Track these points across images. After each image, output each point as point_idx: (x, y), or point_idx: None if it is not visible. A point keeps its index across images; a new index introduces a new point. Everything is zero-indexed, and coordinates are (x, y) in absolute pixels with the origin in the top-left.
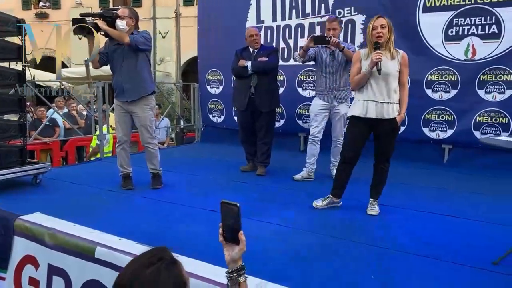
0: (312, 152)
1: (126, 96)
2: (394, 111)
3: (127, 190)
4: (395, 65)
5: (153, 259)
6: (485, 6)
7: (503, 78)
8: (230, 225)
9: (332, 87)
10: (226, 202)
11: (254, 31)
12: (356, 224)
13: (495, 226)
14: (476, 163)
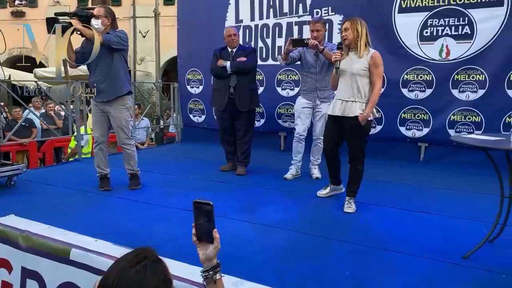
0: (298, 149)
1: (102, 96)
2: (357, 110)
3: (105, 191)
4: (361, 64)
5: (138, 259)
6: (458, 8)
7: (476, 77)
8: (204, 224)
9: (315, 86)
10: (199, 202)
11: (233, 31)
12: (333, 221)
13: (467, 221)
14: (451, 160)
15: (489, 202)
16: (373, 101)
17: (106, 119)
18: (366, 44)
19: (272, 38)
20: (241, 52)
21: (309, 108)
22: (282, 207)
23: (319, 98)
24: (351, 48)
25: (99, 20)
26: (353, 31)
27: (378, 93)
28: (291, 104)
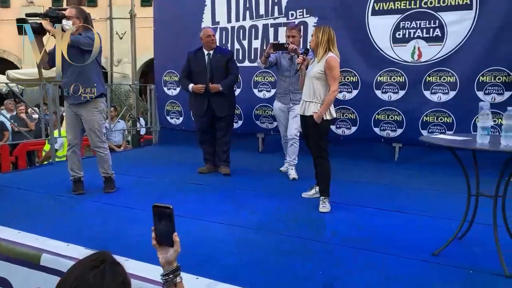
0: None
1: (73, 99)
2: (312, 109)
3: (78, 195)
4: (318, 68)
5: (95, 262)
6: (429, 11)
7: (447, 79)
8: (164, 228)
9: (289, 89)
10: (159, 206)
11: (211, 31)
12: (309, 222)
13: (437, 219)
14: (424, 160)
15: (459, 200)
16: (327, 101)
17: (79, 121)
18: (326, 50)
19: (248, 40)
20: (219, 56)
21: (285, 111)
22: (259, 209)
23: (291, 100)
24: (315, 52)
25: (70, 21)
26: (315, 38)
27: (333, 95)
28: (268, 105)
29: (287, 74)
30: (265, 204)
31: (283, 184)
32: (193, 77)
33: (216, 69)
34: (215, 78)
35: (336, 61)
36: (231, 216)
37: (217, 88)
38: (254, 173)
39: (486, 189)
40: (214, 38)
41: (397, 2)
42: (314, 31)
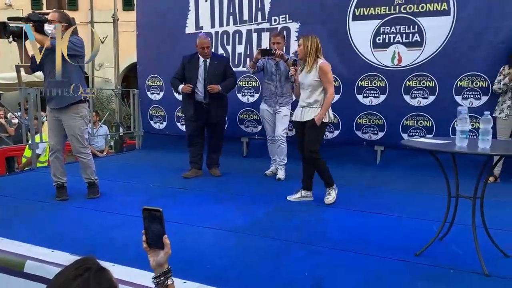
0: (273, 150)
1: (54, 103)
2: (312, 114)
3: (62, 201)
4: (312, 76)
5: (79, 271)
6: (408, 16)
7: (426, 84)
8: (154, 230)
9: (275, 93)
10: (148, 208)
11: (207, 43)
12: (293, 225)
13: (419, 221)
14: (406, 163)
15: (439, 202)
16: (326, 104)
17: (61, 126)
18: (314, 58)
19: (232, 45)
20: (216, 63)
21: (271, 113)
22: (245, 212)
23: (278, 103)
24: (304, 61)
25: (52, 26)
26: (304, 48)
27: (331, 98)
28: (252, 110)
29: (273, 78)
30: (251, 207)
31: (269, 188)
32: (186, 82)
33: (214, 76)
34: (213, 83)
35: (328, 66)
36: (218, 220)
37: (217, 89)
38: (240, 177)
39: (465, 190)
40: (208, 50)
41: (377, 7)
42: (302, 41)
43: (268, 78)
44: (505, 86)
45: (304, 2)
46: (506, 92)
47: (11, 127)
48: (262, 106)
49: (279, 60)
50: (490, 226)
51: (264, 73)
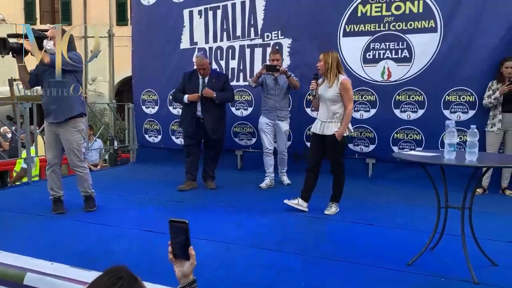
0: (269, 163)
1: (52, 118)
2: (333, 129)
3: (59, 214)
4: (333, 91)
5: (112, 280)
6: (397, 33)
7: (415, 98)
8: (180, 242)
9: (275, 107)
10: (175, 220)
11: (205, 64)
12: (288, 236)
13: (409, 231)
14: (396, 175)
15: (430, 213)
16: (346, 120)
17: (59, 140)
18: (336, 73)
19: (225, 59)
20: (214, 80)
21: (271, 126)
22: (241, 224)
23: (278, 117)
24: (325, 76)
25: (51, 42)
26: (325, 63)
27: (350, 113)
28: (246, 123)
29: (272, 92)
30: (247, 220)
31: (264, 201)
32: None
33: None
34: (209, 102)
35: (349, 83)
36: (214, 232)
37: (211, 94)
38: (235, 189)
39: (454, 201)
40: (205, 70)
41: (367, 24)
42: (323, 57)
43: (267, 93)
44: (495, 100)
45: (296, 19)
46: (497, 106)
47: (6, 141)
48: (262, 119)
49: (278, 75)
50: (479, 236)
51: (263, 88)
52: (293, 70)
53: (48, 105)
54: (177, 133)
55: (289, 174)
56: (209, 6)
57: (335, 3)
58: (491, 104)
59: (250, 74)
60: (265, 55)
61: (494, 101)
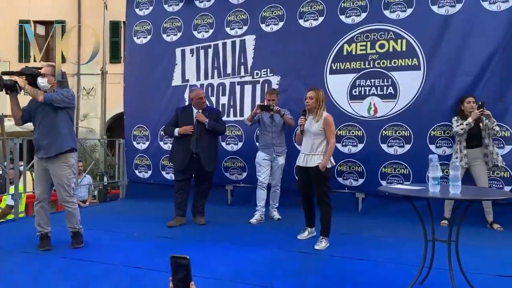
0: (261, 196)
1: (42, 153)
2: (316, 161)
3: (45, 251)
4: (318, 126)
5: None
6: (382, 70)
7: (402, 133)
8: (180, 277)
9: (272, 143)
10: (176, 256)
11: (203, 94)
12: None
13: (398, 265)
14: (386, 210)
15: (418, 247)
16: (328, 153)
17: (48, 175)
18: (321, 110)
19: (216, 96)
20: (208, 114)
21: (268, 160)
22: (231, 260)
23: (275, 152)
24: (311, 112)
25: (45, 79)
26: (317, 101)
27: (332, 147)
28: (237, 157)
29: (269, 129)
30: (236, 255)
31: (254, 236)
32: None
33: (203, 127)
34: (203, 134)
35: (332, 118)
36: (202, 268)
37: (204, 118)
38: (225, 225)
39: (441, 235)
40: (205, 100)
41: (353, 62)
42: (314, 94)
43: (264, 129)
44: (468, 126)
45: (284, 57)
46: (461, 142)
47: None
48: (260, 154)
49: (271, 114)
50: (468, 270)
51: (260, 125)
52: (282, 106)
53: (38, 140)
54: (167, 168)
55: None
56: (201, 45)
57: (322, 42)
58: (463, 130)
59: (240, 110)
60: (255, 92)
61: (466, 126)
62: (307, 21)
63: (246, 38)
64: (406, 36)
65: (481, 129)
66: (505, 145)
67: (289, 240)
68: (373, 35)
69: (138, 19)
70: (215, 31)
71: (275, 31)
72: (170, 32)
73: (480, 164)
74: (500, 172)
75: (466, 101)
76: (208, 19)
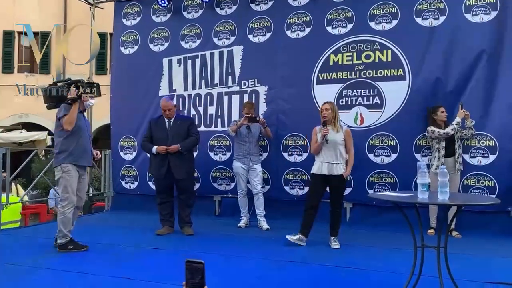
0: (244, 203)
1: (87, 161)
2: (340, 169)
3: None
4: (340, 136)
5: None
6: (368, 80)
7: (388, 143)
8: (195, 282)
9: (248, 152)
10: (191, 261)
11: (169, 105)
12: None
13: (388, 274)
14: (374, 220)
15: (407, 255)
16: (351, 162)
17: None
18: (338, 121)
19: (204, 106)
20: (179, 122)
21: (245, 169)
22: (220, 271)
23: (252, 161)
24: (329, 123)
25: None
26: (333, 112)
27: (353, 157)
28: (225, 168)
29: (246, 139)
30: (225, 266)
31: (243, 246)
32: (154, 143)
33: (175, 135)
34: (175, 143)
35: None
36: None
37: (176, 148)
38: (212, 236)
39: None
40: (170, 112)
41: (339, 72)
42: (331, 107)
43: (241, 140)
44: (457, 125)
45: (271, 67)
46: (440, 150)
47: None
48: (236, 164)
49: (250, 124)
50: (457, 277)
51: (237, 135)
52: (269, 117)
53: (87, 147)
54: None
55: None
56: (189, 55)
57: (309, 52)
58: (453, 130)
59: (227, 120)
60: (242, 102)
61: (456, 126)
62: (294, 32)
63: (234, 49)
64: (391, 47)
65: (455, 139)
66: (490, 155)
67: (278, 250)
68: (359, 46)
69: (126, 29)
70: (202, 42)
71: (263, 41)
72: (157, 42)
73: (453, 173)
74: (485, 181)
75: (439, 110)
76: (195, 29)
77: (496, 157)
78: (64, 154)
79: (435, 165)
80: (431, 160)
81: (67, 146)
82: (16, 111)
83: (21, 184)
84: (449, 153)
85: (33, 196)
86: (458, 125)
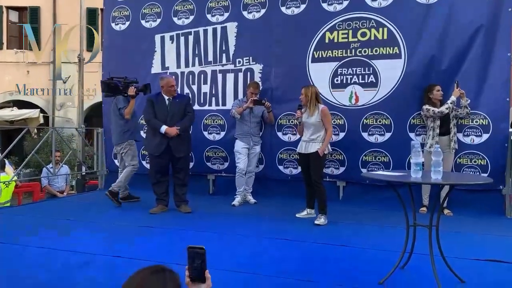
0: (241, 183)
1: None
2: (315, 147)
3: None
4: (315, 118)
5: (156, 268)
6: (363, 58)
7: (382, 122)
8: (196, 266)
9: (250, 132)
10: (193, 247)
11: (174, 82)
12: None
13: (380, 251)
14: (367, 198)
15: (400, 233)
16: (326, 140)
17: None
18: (315, 103)
19: (197, 84)
20: (178, 101)
21: (246, 148)
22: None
23: (252, 141)
24: (306, 106)
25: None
26: (306, 96)
27: (330, 134)
28: (218, 147)
29: (248, 119)
30: (219, 244)
31: (236, 224)
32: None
33: (175, 114)
34: (174, 121)
35: (327, 109)
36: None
37: (175, 131)
38: (207, 214)
39: (422, 221)
40: (175, 87)
41: (335, 50)
42: (304, 91)
43: (243, 119)
44: (452, 104)
45: (266, 45)
46: (434, 129)
47: None
48: (238, 143)
49: (252, 106)
50: (448, 255)
51: (240, 116)
52: (264, 94)
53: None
54: (147, 158)
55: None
56: (181, 32)
57: (304, 30)
58: (448, 109)
59: (222, 99)
60: (237, 80)
61: (451, 105)
62: (289, 9)
63: (228, 25)
64: (387, 24)
65: (450, 118)
66: (483, 133)
67: (271, 228)
68: (355, 23)
69: (116, 5)
70: (196, 18)
71: (257, 18)
72: (149, 18)
73: (448, 151)
74: (478, 160)
75: (435, 89)
76: (188, 5)
77: (489, 136)
78: (128, 133)
79: (429, 144)
80: (425, 139)
81: (129, 127)
82: (6, 89)
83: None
84: (444, 131)
85: (26, 174)
86: (453, 103)
